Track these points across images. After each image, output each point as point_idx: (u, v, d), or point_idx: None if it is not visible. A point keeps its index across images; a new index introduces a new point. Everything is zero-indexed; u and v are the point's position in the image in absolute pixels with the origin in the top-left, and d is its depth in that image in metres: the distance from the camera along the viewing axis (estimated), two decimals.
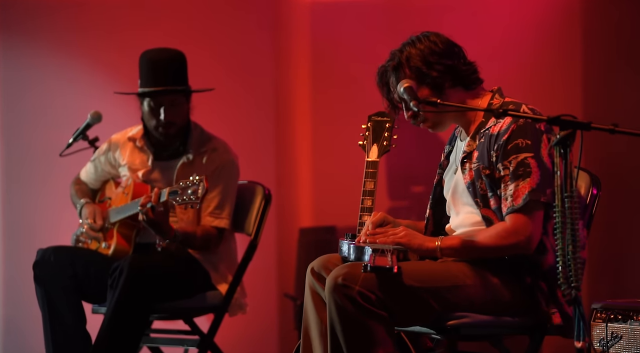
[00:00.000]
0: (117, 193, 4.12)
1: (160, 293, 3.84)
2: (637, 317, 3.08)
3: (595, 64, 5.14)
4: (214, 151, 4.06)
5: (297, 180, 5.80)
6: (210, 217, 4.00)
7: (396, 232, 2.87)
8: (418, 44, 2.95)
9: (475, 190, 2.92)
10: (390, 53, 3.00)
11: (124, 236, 4.01)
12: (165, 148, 4.07)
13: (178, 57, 4.02)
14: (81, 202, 4.15)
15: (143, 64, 4.00)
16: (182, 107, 4.01)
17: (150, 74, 3.97)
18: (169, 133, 4.01)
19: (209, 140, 4.09)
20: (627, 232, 4.92)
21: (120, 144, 4.14)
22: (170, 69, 3.98)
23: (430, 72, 2.92)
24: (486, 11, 5.30)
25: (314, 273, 2.96)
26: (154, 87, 3.95)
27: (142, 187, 4.01)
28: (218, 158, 4.05)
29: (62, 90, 5.30)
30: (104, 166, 4.19)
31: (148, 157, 4.08)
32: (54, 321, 3.84)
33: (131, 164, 4.09)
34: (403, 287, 2.78)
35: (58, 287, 3.85)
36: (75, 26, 5.31)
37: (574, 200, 2.35)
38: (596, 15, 5.14)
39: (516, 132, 2.85)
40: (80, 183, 4.26)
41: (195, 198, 3.68)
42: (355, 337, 2.74)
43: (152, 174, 4.07)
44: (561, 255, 2.36)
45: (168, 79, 3.96)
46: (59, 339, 3.83)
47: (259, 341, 5.44)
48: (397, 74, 2.95)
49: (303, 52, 5.75)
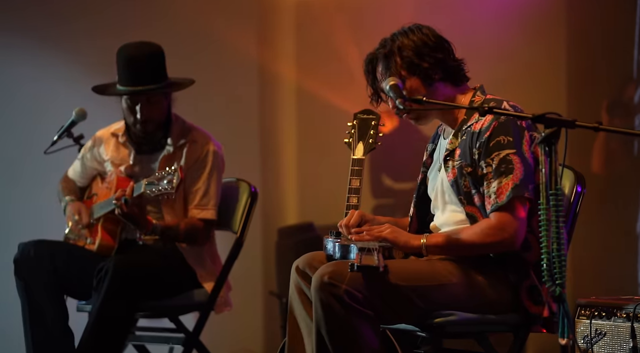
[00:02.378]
0: (102, 188, 4.10)
1: (146, 293, 3.82)
2: (621, 314, 3.09)
3: (580, 62, 5.15)
4: (194, 143, 4.03)
5: (282, 178, 5.79)
6: (196, 210, 3.98)
7: (381, 229, 2.86)
8: (411, 34, 2.95)
9: (458, 188, 2.92)
10: (381, 41, 2.99)
11: (109, 231, 3.99)
12: (146, 142, 4.04)
13: (155, 53, 3.95)
14: (65, 199, 4.13)
15: (120, 60, 3.95)
16: (160, 104, 3.97)
17: (126, 72, 3.92)
18: (146, 129, 3.98)
19: (189, 132, 4.05)
20: (613, 230, 4.94)
21: (104, 139, 4.12)
22: (147, 66, 3.92)
23: (422, 63, 2.92)
24: (471, 9, 5.31)
25: (299, 271, 2.95)
26: (130, 85, 3.91)
27: (125, 182, 3.98)
28: (198, 149, 4.03)
29: (47, 87, 5.28)
30: (90, 162, 4.17)
31: (130, 152, 4.06)
32: (33, 316, 3.80)
33: (114, 158, 4.08)
34: (389, 286, 2.78)
35: (39, 282, 3.82)
36: (62, 24, 5.28)
37: (558, 197, 2.35)
38: (581, 13, 5.16)
39: (498, 129, 2.85)
40: (67, 181, 4.24)
41: (170, 188, 3.67)
42: (342, 335, 2.73)
43: (134, 168, 4.05)
44: (546, 253, 2.36)
45: (144, 77, 3.90)
46: (39, 335, 3.80)
47: (245, 339, 5.44)
48: (388, 62, 2.94)
49: (288, 49, 5.74)
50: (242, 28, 5.58)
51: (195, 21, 5.42)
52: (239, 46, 5.57)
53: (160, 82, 3.95)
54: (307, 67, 5.68)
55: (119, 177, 4.01)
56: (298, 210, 5.77)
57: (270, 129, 5.74)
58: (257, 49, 5.68)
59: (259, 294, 5.53)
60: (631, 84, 4.94)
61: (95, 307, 3.70)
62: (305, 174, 5.73)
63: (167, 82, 3.98)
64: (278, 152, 5.78)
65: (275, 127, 5.78)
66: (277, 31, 5.75)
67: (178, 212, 3.98)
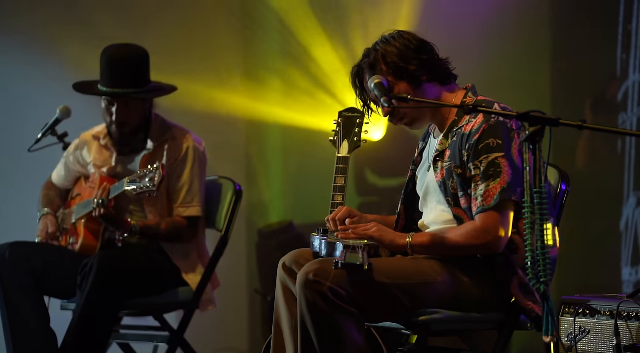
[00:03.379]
0: (86, 188, 4.07)
1: (130, 290, 3.80)
2: (605, 311, 3.09)
3: (564, 61, 5.16)
4: (174, 140, 4.01)
5: (267, 176, 5.78)
6: (182, 208, 3.96)
7: (368, 227, 2.86)
8: (392, 41, 2.95)
9: (446, 189, 2.91)
10: (365, 51, 2.99)
11: (92, 231, 3.96)
12: (126, 144, 4.02)
13: (138, 56, 3.93)
14: (42, 212, 4.10)
15: (102, 61, 3.93)
16: (137, 108, 3.93)
17: (107, 72, 3.90)
18: (122, 131, 3.96)
19: (169, 130, 4.03)
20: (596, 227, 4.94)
21: (87, 142, 4.10)
22: (127, 69, 3.90)
23: (408, 67, 2.92)
24: (455, 9, 5.31)
25: (285, 268, 2.95)
26: (109, 86, 3.88)
27: (109, 181, 3.96)
28: (178, 146, 4.00)
29: (31, 85, 5.24)
30: (73, 166, 4.14)
31: (112, 154, 4.04)
32: (13, 320, 3.76)
33: (96, 161, 4.05)
34: (374, 284, 2.77)
35: (16, 285, 3.78)
36: (44, 22, 5.25)
37: (543, 196, 2.35)
38: (565, 12, 5.16)
39: (487, 131, 2.84)
40: (49, 189, 4.20)
41: (152, 185, 3.65)
42: (326, 332, 2.73)
43: (116, 169, 4.02)
44: (530, 251, 2.35)
45: (123, 80, 3.88)
46: (19, 339, 3.76)
47: (229, 337, 5.42)
48: (373, 71, 2.94)
49: (273, 48, 5.73)
50: (228, 28, 5.57)
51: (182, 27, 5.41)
52: (225, 45, 5.56)
53: (140, 86, 3.91)
54: (292, 65, 5.67)
55: (102, 177, 3.98)
56: (283, 208, 5.76)
57: (256, 128, 5.72)
58: (243, 48, 5.67)
59: (243, 292, 5.52)
60: (615, 83, 4.94)
61: (80, 303, 3.68)
62: (290, 172, 5.72)
63: (148, 86, 3.95)
64: (263, 151, 5.76)
65: (261, 126, 5.76)
66: (263, 32, 5.73)
67: (161, 211, 3.96)
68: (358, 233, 2.84)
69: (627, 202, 4.89)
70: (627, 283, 4.82)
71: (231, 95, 5.58)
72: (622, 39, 4.92)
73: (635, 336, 3.00)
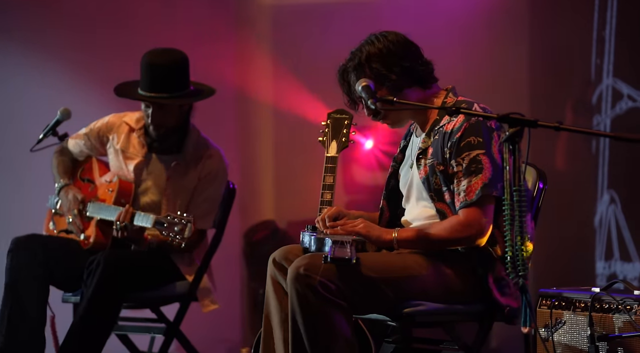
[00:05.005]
0: (102, 184, 4.05)
1: (133, 285, 3.82)
2: (580, 304, 3.13)
3: (542, 64, 5.19)
4: (210, 158, 4.01)
5: (259, 175, 5.79)
6: (198, 220, 3.86)
7: (355, 224, 2.88)
8: (377, 43, 2.95)
9: (429, 185, 2.94)
10: (350, 53, 3.00)
11: (103, 232, 3.95)
12: (160, 142, 4.01)
13: (176, 62, 3.91)
14: (61, 183, 4.04)
15: (142, 65, 3.92)
16: (172, 112, 3.92)
17: (145, 77, 3.89)
18: (158, 132, 3.97)
19: (206, 146, 4.03)
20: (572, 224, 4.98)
21: (117, 127, 4.06)
22: (164, 74, 3.87)
23: (390, 75, 2.93)
24: (435, 11, 5.32)
25: (275, 263, 2.96)
26: (146, 90, 3.88)
27: (127, 186, 3.96)
28: (213, 165, 4.01)
29: (33, 87, 5.24)
30: (95, 141, 4.09)
31: (143, 148, 4.03)
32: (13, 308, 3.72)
33: (125, 149, 4.03)
34: (361, 277, 2.80)
35: (28, 274, 3.79)
36: (46, 23, 5.24)
37: (522, 193, 2.38)
38: (543, 16, 5.19)
39: (468, 130, 2.87)
40: (65, 154, 4.14)
41: (181, 237, 3.61)
42: (316, 324, 2.75)
43: (144, 166, 4.01)
44: (510, 246, 2.39)
45: (159, 85, 3.86)
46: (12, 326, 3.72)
47: (223, 328, 5.43)
48: (358, 73, 2.95)
49: (265, 50, 5.74)
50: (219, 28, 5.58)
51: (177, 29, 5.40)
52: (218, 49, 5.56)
53: (175, 91, 3.90)
54: (283, 67, 5.68)
55: (121, 181, 3.97)
56: (274, 205, 5.78)
57: (248, 129, 5.74)
58: (236, 51, 5.67)
59: (237, 286, 5.53)
60: (590, 86, 4.98)
61: (85, 298, 3.70)
62: (281, 171, 5.73)
63: (186, 91, 3.94)
64: (255, 150, 5.77)
65: (253, 127, 5.77)
66: (255, 34, 5.74)
67: (176, 208, 3.94)
68: (346, 229, 2.86)
69: (601, 200, 4.93)
70: (601, 276, 4.87)
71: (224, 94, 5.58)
72: (595, 45, 4.96)
73: (608, 326, 3.03)
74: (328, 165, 3.04)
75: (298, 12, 5.65)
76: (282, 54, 5.67)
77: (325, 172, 3.02)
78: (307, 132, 4.81)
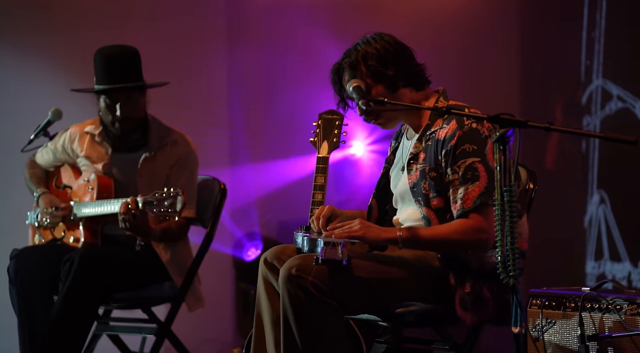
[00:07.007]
0: (80, 185, 4.05)
1: (113, 284, 3.78)
2: (570, 303, 3.12)
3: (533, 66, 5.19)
4: (175, 144, 4.03)
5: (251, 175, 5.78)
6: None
7: (352, 226, 2.83)
8: (374, 43, 2.95)
9: (418, 190, 2.93)
10: (346, 51, 2.99)
11: (91, 231, 3.94)
12: (123, 140, 4.02)
13: (131, 54, 3.96)
14: (38, 192, 4.07)
15: (97, 61, 3.95)
16: (138, 102, 3.96)
17: (104, 71, 3.91)
18: (125, 128, 3.97)
19: (168, 133, 4.04)
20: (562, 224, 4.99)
21: (78, 135, 4.09)
22: (123, 65, 3.92)
23: (387, 72, 2.92)
24: (426, 14, 5.32)
25: (267, 263, 2.96)
26: (109, 84, 3.90)
27: (106, 181, 3.96)
28: (180, 150, 4.02)
29: (23, 88, 5.21)
30: (61, 155, 4.13)
31: (107, 150, 4.03)
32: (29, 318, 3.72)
33: (89, 155, 4.04)
34: (353, 278, 2.79)
35: (36, 287, 3.76)
36: (36, 25, 5.23)
37: (512, 194, 2.37)
38: (533, 18, 5.20)
39: (463, 137, 2.86)
40: (35, 167, 4.19)
41: (174, 210, 3.58)
42: (308, 325, 2.74)
43: (112, 166, 4.02)
44: (500, 246, 2.38)
45: (122, 76, 3.90)
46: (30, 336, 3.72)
47: (214, 329, 5.42)
48: (353, 71, 2.94)
49: (256, 51, 5.73)
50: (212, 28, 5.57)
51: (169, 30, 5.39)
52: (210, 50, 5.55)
53: (137, 81, 3.93)
54: (276, 68, 5.68)
55: (99, 177, 3.97)
56: (265, 205, 5.77)
57: (239, 128, 5.72)
58: (227, 52, 5.66)
59: (229, 286, 5.52)
60: (579, 88, 4.99)
61: (60, 295, 3.65)
62: (272, 171, 5.72)
63: (143, 82, 3.98)
64: (246, 150, 5.76)
65: (244, 126, 5.76)
66: (247, 36, 5.73)
67: None
68: (341, 236, 2.79)
69: (591, 200, 4.94)
70: (591, 276, 4.88)
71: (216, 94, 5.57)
72: (584, 47, 4.97)
73: (598, 326, 3.03)
74: (319, 165, 3.04)
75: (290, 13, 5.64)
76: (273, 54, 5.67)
77: (316, 173, 3.02)
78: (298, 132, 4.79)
